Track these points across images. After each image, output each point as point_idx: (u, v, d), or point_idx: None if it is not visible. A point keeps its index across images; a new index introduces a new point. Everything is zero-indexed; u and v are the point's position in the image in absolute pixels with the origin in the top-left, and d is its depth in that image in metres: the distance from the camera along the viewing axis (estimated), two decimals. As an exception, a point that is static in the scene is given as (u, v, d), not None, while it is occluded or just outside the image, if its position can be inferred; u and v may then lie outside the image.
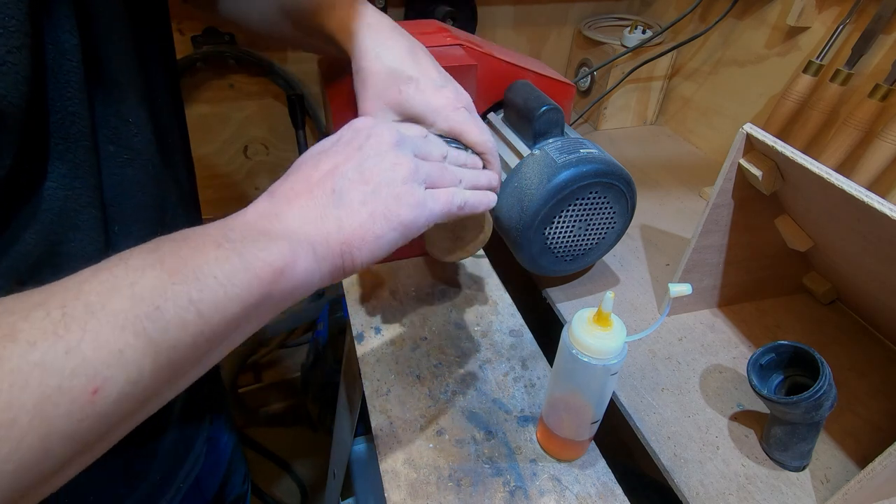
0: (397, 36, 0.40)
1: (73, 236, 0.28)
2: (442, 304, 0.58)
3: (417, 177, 0.32)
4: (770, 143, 0.42)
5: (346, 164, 0.31)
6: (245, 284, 0.24)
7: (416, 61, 0.40)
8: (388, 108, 0.39)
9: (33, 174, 0.26)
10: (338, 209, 0.29)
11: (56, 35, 0.26)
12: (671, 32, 0.89)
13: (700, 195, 0.79)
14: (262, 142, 0.92)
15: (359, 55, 0.39)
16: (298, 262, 0.27)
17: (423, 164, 0.33)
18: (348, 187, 0.30)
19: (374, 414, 0.47)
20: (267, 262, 0.25)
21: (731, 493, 0.43)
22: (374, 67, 0.39)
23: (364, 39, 0.39)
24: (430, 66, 0.41)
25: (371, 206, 0.30)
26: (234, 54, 0.81)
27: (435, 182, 0.34)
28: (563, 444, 0.43)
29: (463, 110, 0.41)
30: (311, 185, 0.30)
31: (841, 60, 0.64)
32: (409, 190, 0.31)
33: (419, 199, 0.31)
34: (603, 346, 0.35)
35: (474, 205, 0.36)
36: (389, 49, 0.39)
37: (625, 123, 0.99)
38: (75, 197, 0.28)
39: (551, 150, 0.52)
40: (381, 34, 0.40)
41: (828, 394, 0.39)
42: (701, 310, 0.60)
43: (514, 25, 0.94)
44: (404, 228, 0.31)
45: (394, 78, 0.39)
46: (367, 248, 0.30)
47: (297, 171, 0.31)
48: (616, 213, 0.54)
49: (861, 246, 0.42)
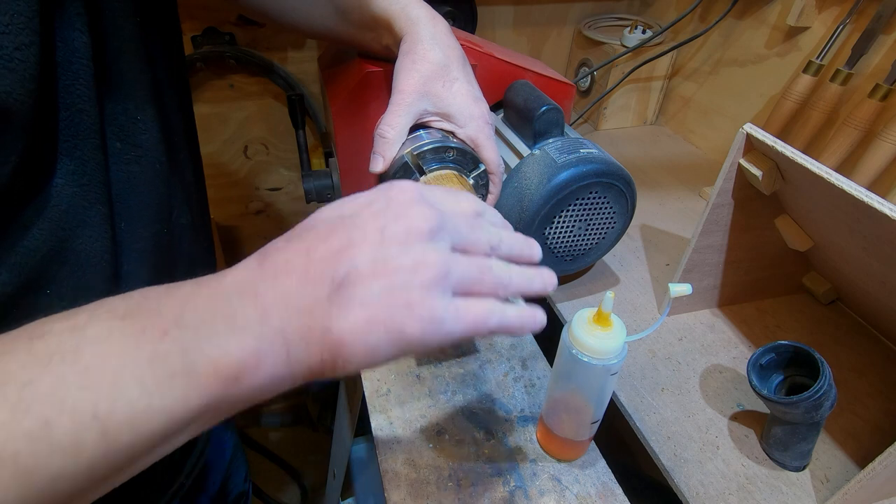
0: (453, 38, 0.42)
1: (82, 233, 0.28)
2: (442, 304, 0.58)
3: (445, 283, 0.24)
4: (770, 143, 0.42)
5: (360, 246, 0.24)
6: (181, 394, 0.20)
7: (464, 67, 0.42)
8: (428, 96, 0.41)
9: (41, 170, 0.26)
10: (331, 303, 0.23)
11: (66, 33, 0.26)
12: (671, 32, 0.89)
13: (700, 195, 0.79)
14: (262, 142, 0.92)
15: (416, 38, 0.40)
16: (263, 364, 0.22)
17: (458, 264, 0.25)
18: (353, 279, 0.23)
19: (374, 414, 0.47)
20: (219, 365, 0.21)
21: (731, 493, 0.43)
22: (430, 55, 0.40)
23: (425, 26, 0.41)
24: (474, 77, 0.44)
25: (373, 309, 0.23)
26: (234, 54, 0.81)
27: (470, 288, 0.26)
28: (563, 444, 0.43)
29: (490, 126, 0.43)
30: (310, 263, 0.23)
31: (841, 60, 0.64)
32: (426, 299, 0.24)
33: (437, 314, 0.24)
34: (603, 346, 0.35)
35: (514, 328, 0.27)
36: (446, 46, 0.41)
37: (625, 123, 0.99)
38: (83, 194, 0.28)
39: (551, 150, 0.52)
40: (440, 29, 0.41)
41: (828, 394, 0.39)
42: (701, 310, 0.60)
43: (514, 25, 0.94)
44: (406, 345, 0.24)
45: (444, 71, 0.40)
46: (355, 360, 0.23)
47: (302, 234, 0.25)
48: (616, 213, 0.54)
49: (861, 246, 0.42)
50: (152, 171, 0.34)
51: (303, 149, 0.66)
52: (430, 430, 0.46)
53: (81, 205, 0.28)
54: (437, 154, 0.41)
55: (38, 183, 0.26)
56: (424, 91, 0.40)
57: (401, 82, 0.40)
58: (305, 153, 0.67)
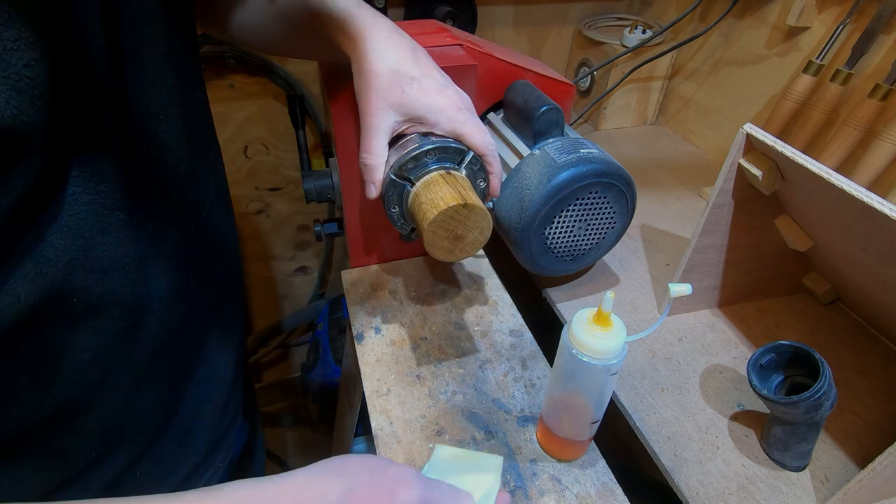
0: (398, 37, 0.40)
1: (104, 239, 0.28)
2: (442, 304, 0.58)
3: None
4: (770, 143, 0.42)
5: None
6: None
7: (417, 62, 0.40)
8: (391, 108, 0.39)
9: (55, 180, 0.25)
10: None
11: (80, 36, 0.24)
12: (671, 32, 0.89)
13: (700, 195, 0.79)
14: (262, 142, 0.92)
15: (361, 56, 0.39)
16: None
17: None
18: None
19: (374, 414, 0.47)
20: None
21: (731, 493, 0.42)
22: (377, 68, 0.38)
23: (366, 40, 0.39)
24: (432, 66, 0.41)
25: None
26: (234, 54, 0.81)
27: None
28: (563, 444, 0.43)
29: (465, 111, 0.41)
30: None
31: (841, 60, 0.64)
32: None
33: None
34: (603, 346, 0.35)
35: None
36: (391, 50, 0.39)
37: (625, 123, 0.99)
38: (101, 200, 0.27)
39: (551, 150, 0.52)
40: (382, 34, 0.39)
41: (828, 394, 0.39)
42: (701, 310, 0.60)
43: (514, 25, 0.94)
44: None
45: (397, 78, 0.38)
46: None
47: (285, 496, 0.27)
48: (616, 213, 0.54)
49: (861, 246, 0.42)
50: (176, 171, 0.33)
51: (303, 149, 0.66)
52: (430, 430, 0.46)
53: (101, 212, 0.27)
54: (418, 161, 0.41)
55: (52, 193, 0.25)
56: (386, 105, 0.39)
57: (362, 105, 0.40)
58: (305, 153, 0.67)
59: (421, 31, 0.57)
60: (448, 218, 0.38)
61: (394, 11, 0.85)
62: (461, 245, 0.41)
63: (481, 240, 0.41)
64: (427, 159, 0.41)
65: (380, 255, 0.63)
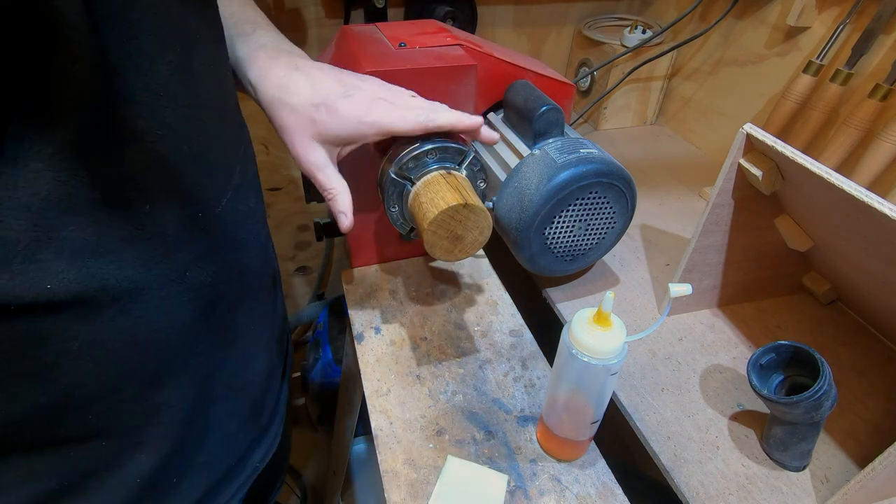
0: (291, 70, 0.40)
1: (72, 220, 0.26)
2: (442, 304, 0.58)
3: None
4: (770, 143, 0.42)
5: None
6: None
7: (316, 87, 0.40)
8: (317, 142, 0.40)
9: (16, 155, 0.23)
10: None
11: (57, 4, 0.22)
12: (671, 32, 0.89)
13: (700, 195, 0.79)
14: (262, 142, 0.92)
15: (264, 105, 0.40)
16: None
17: None
18: None
19: (374, 414, 0.47)
20: None
21: (731, 493, 0.43)
22: (282, 112, 0.39)
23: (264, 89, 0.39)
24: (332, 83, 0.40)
25: None
26: (234, 54, 0.81)
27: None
28: (563, 444, 0.43)
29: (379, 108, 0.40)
30: None
31: (841, 60, 0.64)
32: None
33: None
34: (603, 346, 0.35)
35: None
36: (287, 88, 0.39)
37: (625, 123, 0.99)
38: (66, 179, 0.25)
39: (551, 150, 0.52)
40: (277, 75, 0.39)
41: (828, 394, 0.39)
42: (701, 310, 0.60)
43: (514, 25, 0.94)
44: None
45: (304, 113, 0.39)
46: None
47: None
48: (616, 213, 0.54)
49: (861, 246, 0.42)
50: (178, 151, 0.30)
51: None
52: (429, 430, 0.46)
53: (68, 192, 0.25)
54: (419, 160, 0.41)
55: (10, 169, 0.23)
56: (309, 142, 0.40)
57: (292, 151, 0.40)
58: (305, 153, 0.67)
59: (421, 31, 0.57)
60: (448, 218, 0.38)
61: (394, 11, 0.85)
62: (461, 245, 0.41)
63: (481, 240, 0.41)
64: (427, 159, 0.41)
65: (380, 255, 0.63)
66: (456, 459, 0.42)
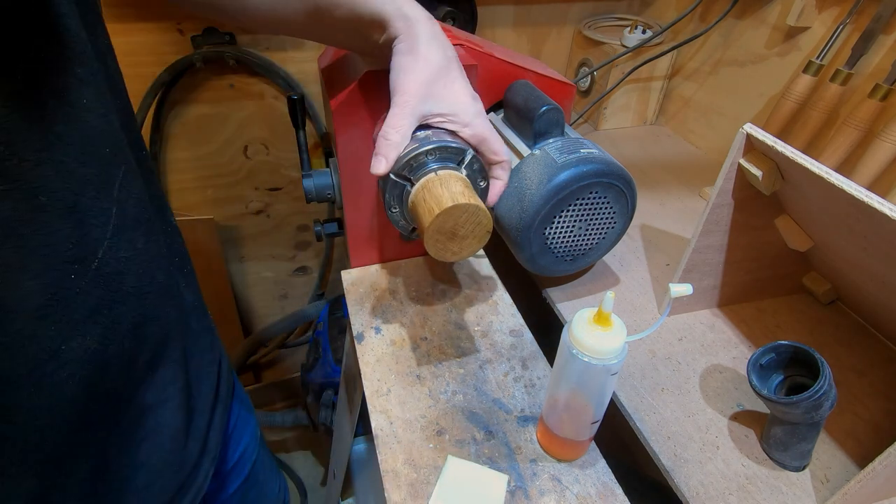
0: (443, 36, 0.42)
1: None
2: (442, 304, 0.58)
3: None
4: (770, 143, 0.42)
5: None
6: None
7: (459, 66, 0.42)
8: (431, 98, 0.40)
9: None
10: None
11: None
12: (671, 32, 0.89)
13: (700, 195, 0.79)
14: (262, 142, 0.92)
15: (414, 39, 0.40)
16: None
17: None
18: None
19: (374, 414, 0.47)
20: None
21: (731, 493, 0.43)
22: (430, 55, 0.40)
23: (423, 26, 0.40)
24: (464, 73, 0.43)
25: None
26: (234, 54, 0.81)
27: None
28: (563, 444, 0.43)
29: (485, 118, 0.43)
30: None
31: (841, 60, 0.64)
32: None
33: None
34: (603, 346, 0.35)
35: None
36: (444, 45, 0.41)
37: (625, 123, 0.99)
38: None
39: (551, 150, 0.52)
40: (437, 30, 0.41)
41: (828, 394, 0.39)
42: (701, 310, 0.60)
43: (514, 25, 0.94)
44: None
45: (444, 72, 0.40)
46: None
47: None
48: (616, 213, 0.54)
49: (861, 246, 0.42)
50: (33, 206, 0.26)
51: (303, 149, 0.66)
52: (430, 430, 0.46)
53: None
54: (418, 161, 0.41)
55: None
56: (428, 93, 0.40)
57: (403, 83, 0.39)
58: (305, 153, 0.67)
59: (421, 31, 0.57)
60: (449, 218, 0.38)
61: (394, 11, 0.85)
62: (461, 245, 0.41)
63: (481, 240, 0.41)
64: (427, 159, 0.41)
65: (380, 255, 0.63)
66: (456, 459, 0.42)
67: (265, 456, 0.59)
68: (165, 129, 0.86)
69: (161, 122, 0.85)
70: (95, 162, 0.29)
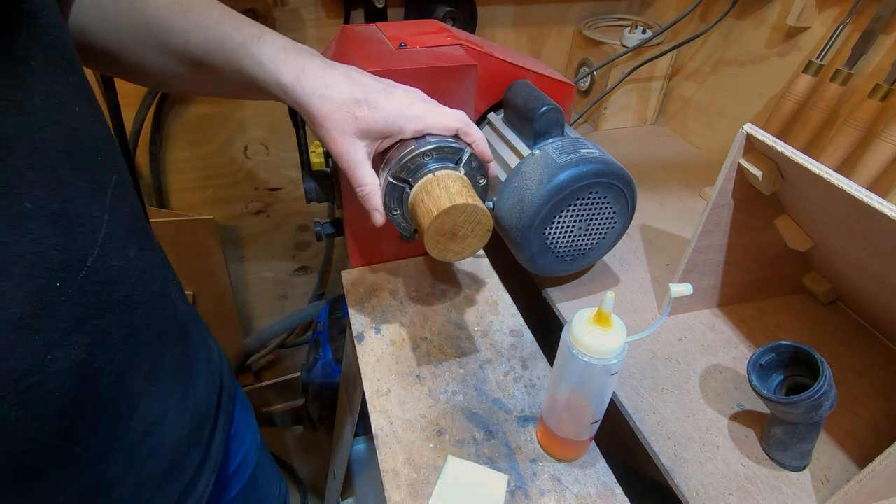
0: (329, 69, 0.40)
1: None
2: (442, 304, 0.58)
3: None
4: (770, 143, 0.42)
5: None
6: None
7: (355, 84, 0.40)
8: (356, 138, 0.40)
9: None
10: None
11: None
12: (671, 32, 0.89)
13: (700, 195, 0.79)
14: (262, 142, 0.92)
15: (303, 104, 0.39)
16: None
17: None
18: None
19: (374, 414, 0.47)
20: None
21: (731, 493, 0.43)
22: (324, 110, 0.39)
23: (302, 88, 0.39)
24: (370, 80, 0.41)
25: None
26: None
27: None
28: (563, 444, 0.43)
29: (418, 103, 0.41)
30: None
31: (841, 60, 0.64)
32: None
33: None
34: (603, 346, 0.35)
35: None
36: (328, 86, 0.39)
37: (625, 123, 0.99)
38: None
39: (551, 150, 0.52)
40: (315, 76, 0.39)
41: (828, 394, 0.39)
42: (701, 310, 0.60)
43: (514, 25, 0.94)
44: None
45: (345, 109, 0.39)
46: None
47: None
48: (616, 213, 0.54)
49: (861, 246, 0.42)
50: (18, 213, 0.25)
51: (303, 149, 0.66)
52: (430, 430, 0.46)
53: None
54: (416, 162, 0.41)
55: None
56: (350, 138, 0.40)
57: (329, 148, 0.40)
58: (305, 153, 0.67)
59: (421, 31, 0.57)
60: (447, 218, 0.38)
61: (394, 11, 0.85)
62: (462, 245, 0.41)
63: (482, 239, 0.41)
64: (425, 160, 0.41)
65: (380, 255, 0.63)
66: (456, 459, 0.43)
67: (266, 459, 0.59)
68: (165, 129, 0.86)
69: (161, 122, 0.85)
70: (86, 169, 0.29)
